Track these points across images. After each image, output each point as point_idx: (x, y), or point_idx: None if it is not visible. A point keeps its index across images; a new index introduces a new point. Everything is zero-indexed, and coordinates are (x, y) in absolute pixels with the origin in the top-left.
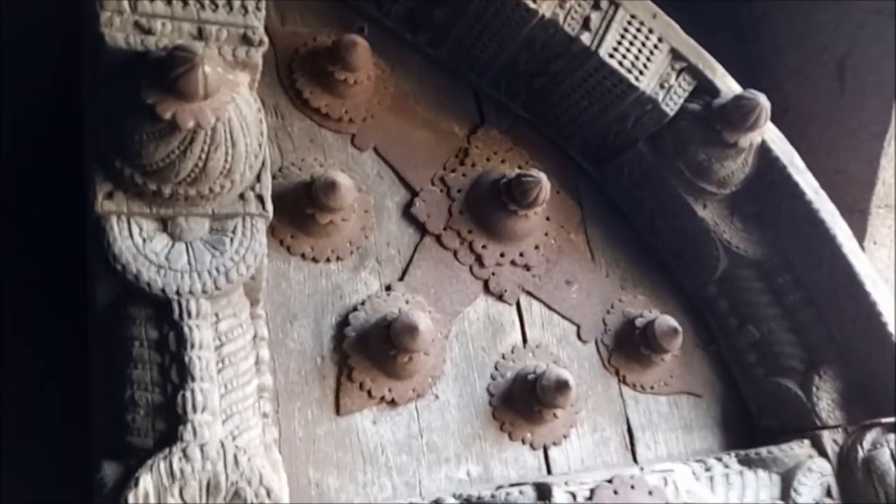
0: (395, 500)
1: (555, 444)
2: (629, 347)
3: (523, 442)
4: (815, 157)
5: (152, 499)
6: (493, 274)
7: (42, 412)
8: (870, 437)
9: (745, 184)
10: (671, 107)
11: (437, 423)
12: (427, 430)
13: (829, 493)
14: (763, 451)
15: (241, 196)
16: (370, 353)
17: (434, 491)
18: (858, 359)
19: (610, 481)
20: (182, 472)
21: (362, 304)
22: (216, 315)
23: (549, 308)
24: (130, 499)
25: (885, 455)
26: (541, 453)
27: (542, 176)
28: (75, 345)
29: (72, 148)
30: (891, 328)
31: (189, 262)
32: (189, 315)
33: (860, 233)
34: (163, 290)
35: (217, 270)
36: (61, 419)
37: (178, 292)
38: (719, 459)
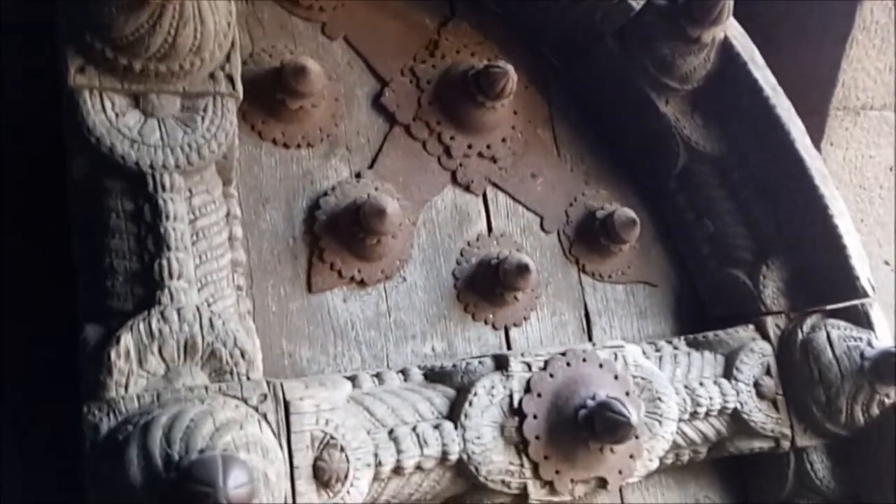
0: (364, 371)
1: (515, 325)
2: (590, 238)
3: (486, 322)
4: (783, 61)
5: (133, 355)
6: (460, 165)
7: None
8: (810, 321)
9: (706, 80)
10: (637, 1)
11: (404, 302)
12: (395, 309)
13: (768, 372)
14: (710, 334)
15: (212, 75)
16: (340, 235)
17: (400, 363)
18: (804, 250)
19: (563, 354)
20: (160, 332)
21: (332, 189)
22: (189, 190)
23: (515, 199)
24: (112, 355)
25: (821, 337)
26: (502, 333)
27: (509, 67)
28: None
29: None
30: (836, 221)
31: (161, 138)
32: (163, 188)
33: (818, 134)
34: (136, 164)
35: (189, 147)
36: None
37: (151, 166)
38: (669, 342)
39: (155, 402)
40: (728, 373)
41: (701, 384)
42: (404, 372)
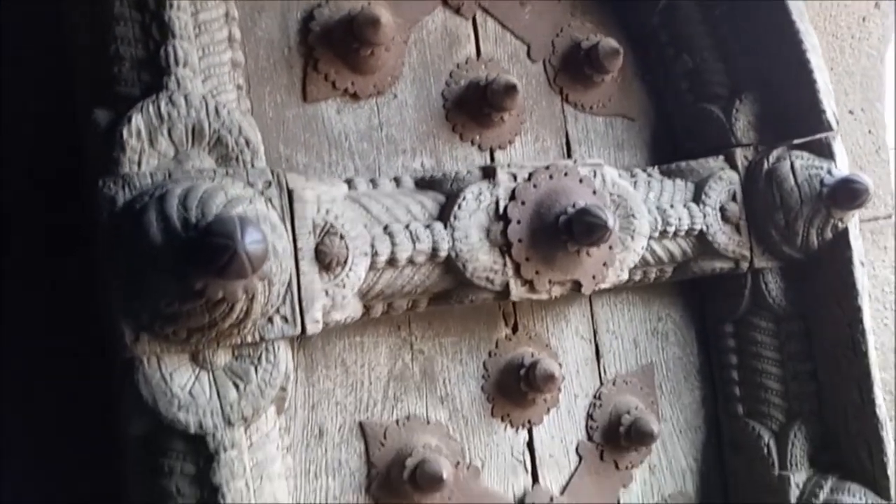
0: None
1: (500, 147)
2: (574, 68)
3: (472, 143)
4: None
5: (144, 135)
6: None
7: None
8: (776, 153)
9: None
10: None
11: (395, 118)
12: (386, 125)
13: (734, 198)
14: (682, 163)
15: None
16: (334, 46)
17: (391, 175)
18: (776, 84)
19: (547, 167)
20: (169, 115)
21: (326, 1)
22: None
23: (503, 26)
24: (125, 133)
25: (785, 167)
26: (487, 153)
27: None
28: None
29: None
30: (809, 55)
31: None
32: None
33: None
34: None
35: None
36: None
37: None
38: (644, 170)
39: (167, 178)
40: (697, 198)
41: (671, 206)
42: (397, 180)
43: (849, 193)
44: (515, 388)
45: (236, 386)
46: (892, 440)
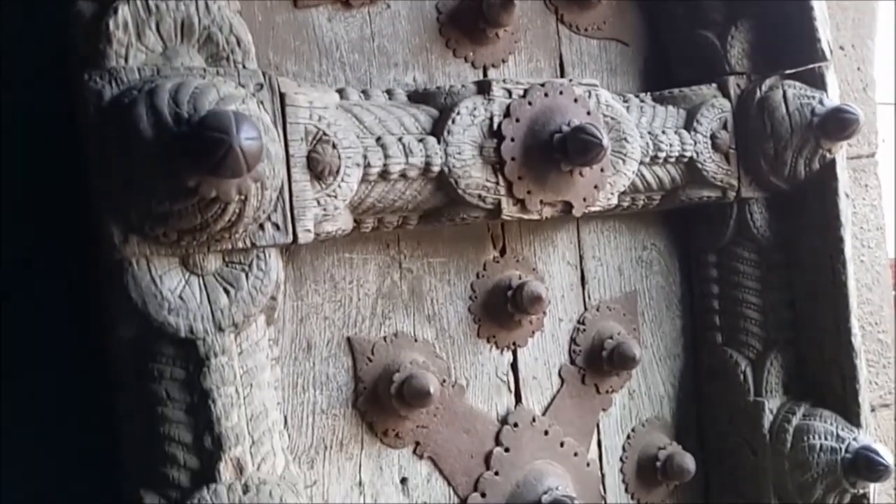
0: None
1: (494, 65)
2: None
3: (465, 60)
4: None
5: (131, 28)
6: None
7: None
8: (769, 82)
9: None
10: None
11: (387, 30)
12: (378, 35)
13: (725, 126)
14: (675, 90)
15: None
16: None
17: (383, 88)
18: (773, 13)
19: (542, 85)
20: (157, 7)
21: None
22: None
23: None
24: (111, 25)
25: (777, 95)
26: (480, 71)
27: None
28: None
29: None
30: None
31: None
32: None
33: None
34: None
35: None
36: None
37: None
38: (636, 96)
39: (156, 74)
40: (688, 125)
41: (663, 132)
42: (389, 92)
43: (839, 123)
44: (502, 310)
45: (227, 292)
46: (865, 369)
